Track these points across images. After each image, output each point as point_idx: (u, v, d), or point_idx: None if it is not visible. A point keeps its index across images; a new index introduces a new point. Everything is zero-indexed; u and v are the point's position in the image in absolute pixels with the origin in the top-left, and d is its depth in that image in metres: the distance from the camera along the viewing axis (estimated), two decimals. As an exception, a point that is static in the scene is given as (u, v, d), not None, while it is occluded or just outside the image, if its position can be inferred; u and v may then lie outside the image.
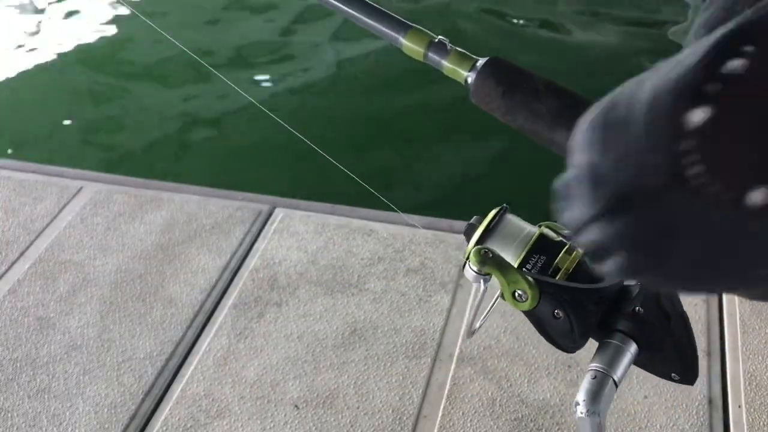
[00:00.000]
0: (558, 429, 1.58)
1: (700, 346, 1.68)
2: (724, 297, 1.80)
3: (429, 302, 1.88)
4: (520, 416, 1.60)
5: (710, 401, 1.60)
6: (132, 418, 1.67)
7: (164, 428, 1.64)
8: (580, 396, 0.64)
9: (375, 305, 1.88)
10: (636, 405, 1.59)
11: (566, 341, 0.67)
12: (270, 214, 2.18)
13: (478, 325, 0.72)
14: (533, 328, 0.68)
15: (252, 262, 2.03)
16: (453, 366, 1.72)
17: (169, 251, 2.08)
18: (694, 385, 0.75)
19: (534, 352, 1.72)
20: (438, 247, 2.02)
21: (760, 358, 1.68)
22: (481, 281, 0.67)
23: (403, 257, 2.01)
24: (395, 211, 1.26)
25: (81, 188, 2.32)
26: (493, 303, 0.69)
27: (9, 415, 1.69)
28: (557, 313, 0.65)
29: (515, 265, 0.67)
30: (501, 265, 0.66)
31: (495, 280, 0.66)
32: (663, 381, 0.71)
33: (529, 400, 1.63)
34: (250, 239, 2.10)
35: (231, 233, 2.12)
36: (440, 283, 1.92)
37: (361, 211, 2.18)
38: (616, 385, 0.65)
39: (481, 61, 0.67)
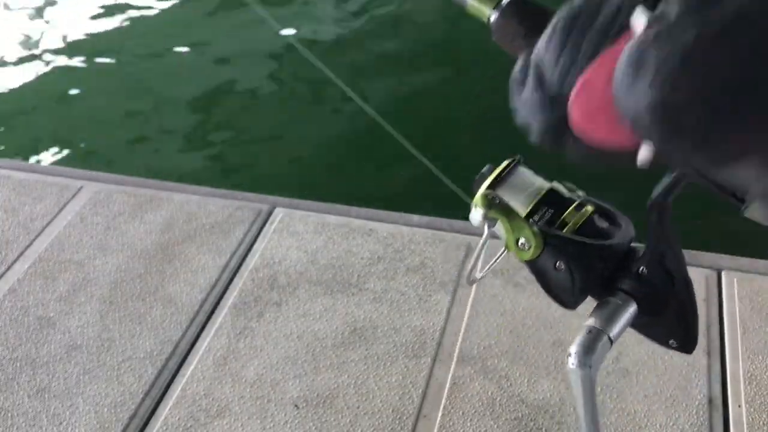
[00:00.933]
0: (558, 429, 1.58)
1: (700, 345, 1.68)
2: (724, 297, 1.81)
3: (429, 302, 1.88)
4: (520, 416, 1.60)
5: (710, 401, 1.59)
6: (132, 417, 1.67)
7: (164, 427, 1.64)
8: (573, 348, 0.63)
9: (375, 305, 1.88)
10: (636, 404, 1.59)
11: (566, 295, 0.66)
12: (270, 214, 2.18)
13: (479, 276, 0.71)
14: (533, 328, 0.67)
15: (252, 261, 2.03)
16: (453, 366, 1.72)
17: (168, 251, 2.08)
18: (693, 383, 0.75)
19: (534, 352, 1.71)
20: (438, 246, 2.02)
21: (760, 357, 1.68)
22: (486, 225, 0.67)
23: (403, 257, 2.01)
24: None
25: (81, 188, 2.32)
26: (499, 256, 0.68)
27: (9, 414, 1.69)
28: (558, 265, 0.65)
29: (522, 215, 0.66)
30: (507, 211, 0.65)
31: (501, 231, 0.65)
32: (663, 380, 0.70)
33: (529, 400, 1.63)
34: (249, 239, 2.10)
35: (231, 233, 2.12)
36: (440, 282, 1.92)
37: (360, 211, 2.18)
38: (611, 342, 0.64)
39: (505, 0, 0.66)
